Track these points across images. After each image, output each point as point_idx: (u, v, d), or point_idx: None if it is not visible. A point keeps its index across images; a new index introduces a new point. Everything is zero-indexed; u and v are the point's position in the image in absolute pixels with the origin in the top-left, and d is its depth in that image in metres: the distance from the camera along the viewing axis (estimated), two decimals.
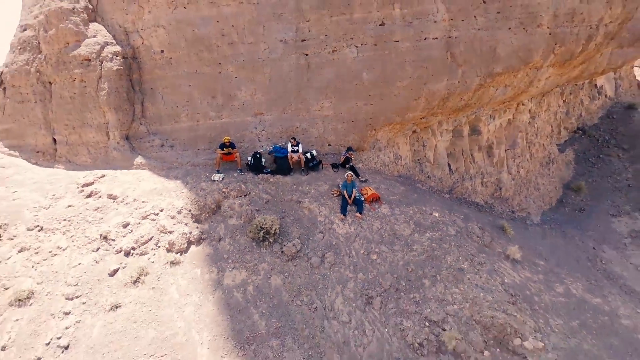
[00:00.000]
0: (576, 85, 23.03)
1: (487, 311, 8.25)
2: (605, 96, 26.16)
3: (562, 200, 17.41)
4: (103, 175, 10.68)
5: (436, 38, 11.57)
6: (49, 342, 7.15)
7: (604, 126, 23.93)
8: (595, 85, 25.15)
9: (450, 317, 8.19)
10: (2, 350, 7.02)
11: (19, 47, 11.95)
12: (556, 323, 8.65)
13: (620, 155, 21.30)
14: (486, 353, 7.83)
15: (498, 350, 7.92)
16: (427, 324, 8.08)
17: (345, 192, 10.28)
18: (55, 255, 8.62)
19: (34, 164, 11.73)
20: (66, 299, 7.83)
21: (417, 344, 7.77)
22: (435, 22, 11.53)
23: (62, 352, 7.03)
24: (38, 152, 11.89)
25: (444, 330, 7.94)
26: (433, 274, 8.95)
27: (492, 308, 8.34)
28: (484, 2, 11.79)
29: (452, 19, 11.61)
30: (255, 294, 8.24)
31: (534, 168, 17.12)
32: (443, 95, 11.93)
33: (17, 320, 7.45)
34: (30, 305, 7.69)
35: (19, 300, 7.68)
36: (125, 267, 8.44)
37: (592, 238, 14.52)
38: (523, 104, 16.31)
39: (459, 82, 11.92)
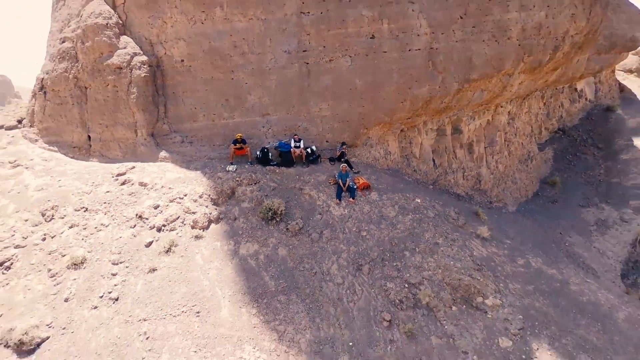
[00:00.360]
0: (556, 89, 24.88)
1: (456, 275, 10.06)
2: (586, 99, 28.04)
3: (538, 193, 19.23)
4: (133, 167, 12.49)
5: (419, 49, 13.42)
6: (102, 295, 8.94)
7: (583, 127, 25.79)
8: (576, 89, 27.01)
9: (426, 280, 10.00)
10: (65, 301, 8.81)
11: (59, 57, 13.78)
12: (514, 287, 10.46)
13: (595, 154, 23.17)
14: (454, 308, 9.63)
15: (464, 306, 9.72)
16: (406, 285, 9.88)
17: (340, 181, 12.08)
18: (99, 230, 10.43)
19: (71, 157, 13.53)
20: (112, 264, 9.62)
21: (397, 301, 9.56)
22: (418, 35, 13.39)
23: (114, 302, 8.82)
24: (74, 147, 13.70)
25: (420, 290, 9.74)
26: (412, 247, 10.76)
27: (460, 273, 10.15)
28: (461, 18, 13.65)
29: (433, 33, 13.46)
30: (266, 261, 10.05)
31: (512, 164, 18.94)
32: (426, 99, 13.77)
33: (74, 279, 9.25)
34: (84, 268, 9.49)
35: (75, 264, 9.47)
36: (158, 240, 10.25)
37: (561, 225, 16.34)
38: (501, 107, 18.15)
39: (439, 87, 13.76)
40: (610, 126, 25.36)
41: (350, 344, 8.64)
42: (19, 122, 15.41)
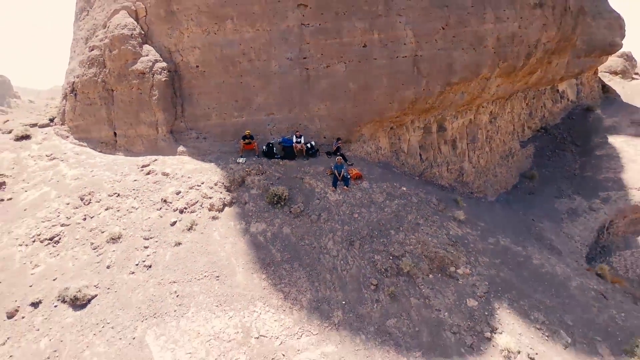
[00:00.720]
0: (539, 90, 26.70)
1: (433, 249, 11.92)
2: (568, 100, 29.91)
3: (517, 186, 21.10)
4: (156, 160, 14.33)
5: (405, 56, 15.27)
6: (137, 263, 10.78)
7: (564, 126, 27.65)
8: (558, 90, 28.86)
9: (407, 253, 11.84)
10: (107, 268, 10.65)
11: (88, 63, 15.62)
12: (483, 260, 12.32)
13: (573, 150, 25.03)
14: (430, 275, 11.49)
15: (439, 274, 11.58)
16: (390, 257, 11.72)
17: (336, 171, 13.92)
18: (131, 212, 12.26)
19: (99, 152, 15.36)
20: (144, 239, 11.46)
21: (383, 269, 11.40)
22: (404, 44, 15.25)
23: (147, 269, 10.65)
24: (102, 143, 15.52)
25: (402, 261, 11.59)
26: (397, 227, 12.61)
27: (436, 247, 12.01)
28: (443, 29, 15.52)
29: (417, 42, 15.32)
30: (272, 237, 11.89)
31: (494, 159, 20.80)
32: (412, 100, 15.62)
33: (113, 251, 11.08)
34: (121, 242, 11.33)
35: (113, 239, 11.31)
36: (181, 220, 12.08)
37: (534, 213, 18.20)
38: (483, 107, 20.01)
39: (423, 89, 15.61)
40: (589, 125, 27.23)
41: (344, 302, 10.48)
42: (51, 120, 17.23)
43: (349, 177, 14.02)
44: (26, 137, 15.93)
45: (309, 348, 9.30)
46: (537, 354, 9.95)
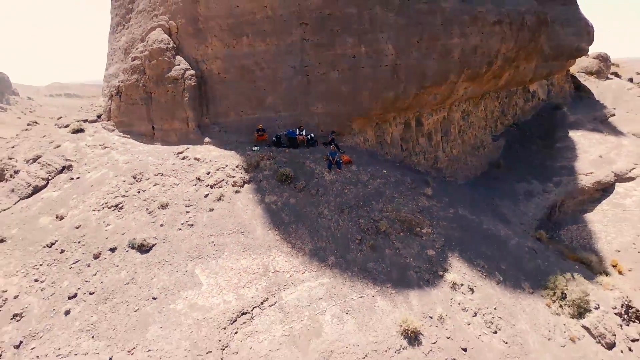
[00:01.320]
0: (510, 90, 30.39)
1: (404, 215, 15.68)
2: (539, 99, 33.68)
3: (485, 173, 24.87)
4: (187, 148, 18.04)
5: (387, 65, 18.96)
6: (183, 223, 14.52)
7: (534, 122, 31.41)
8: (529, 90, 32.59)
9: (384, 218, 15.58)
10: (161, 226, 14.39)
11: (131, 71, 19.29)
12: (443, 224, 16.10)
13: (538, 143, 28.79)
14: (401, 234, 15.25)
15: (408, 233, 15.33)
16: (372, 221, 15.46)
17: (330, 157, 17.60)
18: (173, 187, 16.00)
19: (140, 142, 19.06)
20: (185, 206, 15.20)
21: (365, 229, 15.13)
22: (386, 55, 18.93)
23: (190, 227, 14.39)
24: (142, 135, 19.23)
25: (380, 223, 15.33)
26: (377, 199, 16.36)
27: (407, 213, 15.77)
28: (417, 43, 19.21)
29: (397, 53, 18.99)
30: (282, 206, 15.62)
31: (465, 150, 24.56)
32: (392, 100, 19.32)
33: (164, 214, 14.83)
34: (168, 209, 15.07)
35: (162, 206, 15.05)
36: (212, 193, 15.81)
37: (496, 194, 21.99)
38: (455, 106, 23.73)
39: (402, 92, 19.31)
40: (555, 121, 31.00)
41: (335, 251, 14.22)
42: (98, 117, 20.91)
43: (340, 161, 17.74)
44: (80, 130, 19.65)
45: (310, 280, 13.06)
46: (475, 286, 13.75)
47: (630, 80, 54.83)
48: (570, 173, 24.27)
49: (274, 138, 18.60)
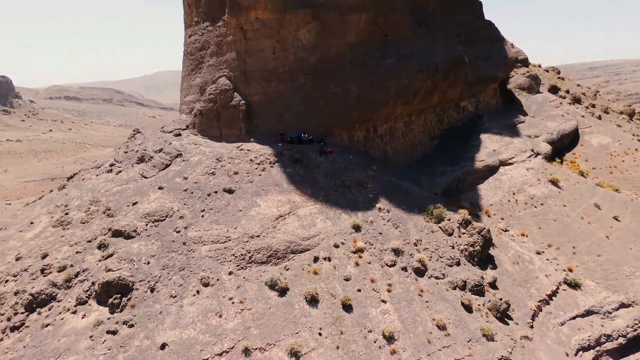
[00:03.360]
0: (445, 106, 45.00)
1: (360, 178, 30.30)
2: (468, 111, 48.36)
3: (420, 161, 39.45)
4: (242, 144, 32.56)
5: (353, 97, 33.56)
6: (246, 181, 29.11)
7: (462, 128, 46.02)
8: (460, 105, 47.21)
9: (348, 180, 30.14)
10: (236, 182, 28.96)
11: (208, 101, 33.87)
12: (377, 184, 30.71)
13: (460, 142, 43.44)
14: (357, 187, 29.85)
15: (361, 187, 29.94)
16: (343, 181, 29.98)
17: (321, 149, 32.15)
18: (238, 164, 30.52)
19: (214, 141, 33.59)
20: (247, 173, 29.81)
21: (338, 185, 29.69)
22: (352, 92, 33.54)
23: (250, 182, 29.02)
24: (214, 137, 33.78)
25: (346, 182, 29.91)
26: (345, 172, 30.92)
27: (361, 177, 30.40)
28: (371, 84, 33.86)
29: (358, 91, 33.60)
30: (295, 173, 30.14)
31: (407, 146, 39.16)
32: (356, 117, 33.93)
33: (237, 176, 29.40)
34: (238, 174, 29.63)
35: (235, 173, 29.63)
36: (258, 167, 30.32)
37: (420, 172, 36.58)
38: (400, 118, 38.32)
39: (362, 113, 33.92)
40: (475, 127, 45.72)
41: (323, 194, 28.75)
42: (187, 127, 35.42)
43: (327, 151, 32.33)
44: (179, 134, 34.18)
45: (310, 205, 27.62)
46: (390, 210, 28.35)
47: (556, 91, 69.65)
48: (471, 160, 38.97)
49: (289, 138, 33.14)
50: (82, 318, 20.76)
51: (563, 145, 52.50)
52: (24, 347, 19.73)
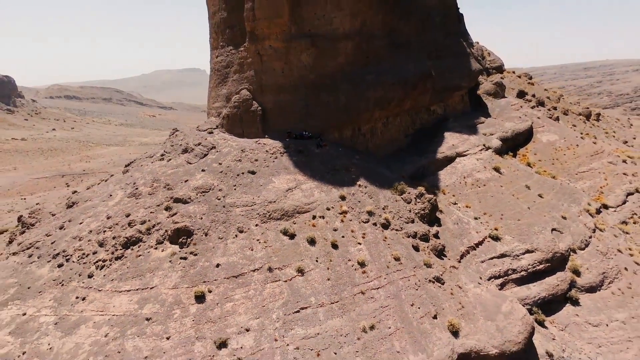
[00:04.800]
0: (418, 110, 56.42)
1: (345, 164, 41.68)
2: (437, 114, 59.76)
3: (394, 153, 50.74)
4: (259, 140, 43.88)
5: (342, 105, 44.89)
6: (264, 165, 40.45)
7: (431, 127, 57.39)
8: (430, 109, 58.60)
9: (338, 164, 41.54)
10: (257, 166, 40.33)
11: (232, 107, 45.17)
12: (360, 168, 42.09)
13: (429, 139, 54.82)
14: (344, 170, 41.26)
15: (345, 170, 41.33)
16: (333, 165, 41.36)
17: (317, 143, 43.47)
18: (258, 154, 41.92)
19: (238, 138, 44.89)
20: (263, 160, 41.18)
21: (331, 168, 41.06)
22: (342, 101, 44.89)
23: (267, 167, 40.39)
24: (237, 134, 45.08)
25: (337, 166, 41.27)
26: (335, 159, 42.28)
27: (346, 164, 41.80)
28: (355, 94, 45.21)
29: (347, 101, 44.95)
30: (298, 161, 41.45)
31: (384, 142, 50.45)
32: (345, 120, 45.27)
33: (257, 162, 40.80)
34: (258, 160, 41.03)
35: (256, 160, 41.03)
36: (272, 155, 41.74)
37: (394, 160, 47.87)
38: (378, 120, 49.61)
39: (349, 117, 45.26)
40: (442, 127, 57.10)
41: (320, 175, 40.10)
42: (216, 127, 46.61)
43: (322, 145, 43.68)
44: (212, 132, 45.43)
45: (309, 183, 38.95)
46: (367, 186, 39.71)
47: (523, 95, 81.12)
48: (434, 152, 50.30)
49: (294, 135, 44.43)
50: (162, 251, 32.07)
51: (518, 142, 64.02)
52: (127, 267, 31.05)
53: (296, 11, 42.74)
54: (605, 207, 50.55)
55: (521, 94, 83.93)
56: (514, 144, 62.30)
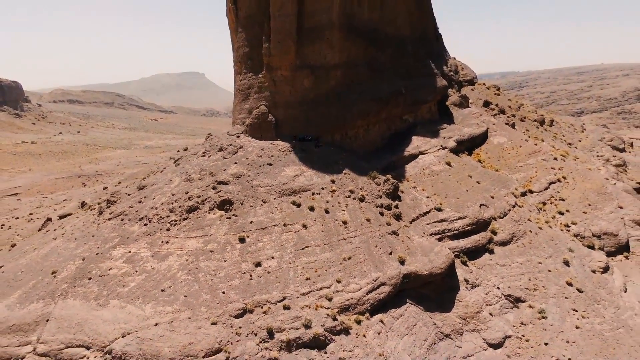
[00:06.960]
0: (393, 118, 73.67)
1: (337, 158, 58.77)
2: (409, 121, 77.03)
3: (373, 152, 67.67)
4: (273, 141, 61.00)
5: (333, 116, 62.03)
6: (277, 159, 57.51)
7: (403, 132, 74.49)
8: (402, 117, 75.84)
9: (331, 159, 58.64)
10: (273, 160, 57.38)
11: (254, 117, 62.24)
12: (347, 161, 59.18)
13: (400, 141, 71.98)
14: (335, 164, 58.42)
15: (335, 164, 58.44)
16: (328, 160, 58.47)
17: (316, 144, 60.47)
18: (272, 151, 59.03)
19: (258, 140, 61.93)
20: (277, 156, 58.28)
21: (326, 162, 58.11)
22: (334, 113, 62.03)
23: (280, 160, 57.49)
24: (258, 138, 62.09)
25: (330, 160, 58.35)
26: (330, 156, 59.34)
27: (337, 158, 58.90)
28: (343, 108, 62.37)
29: (338, 113, 62.09)
30: (303, 156, 58.47)
31: (367, 144, 67.44)
32: (335, 127, 62.36)
33: (272, 157, 57.86)
34: (273, 156, 58.12)
35: (272, 156, 58.09)
36: (283, 152, 58.78)
37: (373, 156, 64.85)
38: (360, 127, 66.63)
39: (338, 125, 62.35)
40: (411, 132, 74.23)
41: (320, 167, 57.14)
42: (241, 133, 63.61)
43: (320, 145, 60.72)
44: (238, 136, 62.41)
45: (309, 172, 55.98)
46: (350, 173, 56.76)
47: (488, 105, 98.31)
48: (402, 151, 67.32)
49: (299, 138, 61.45)
50: (213, 215, 49.06)
51: (475, 143, 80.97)
52: (192, 224, 48.01)
53: (300, 50, 59.95)
54: (531, 191, 67.60)
55: (486, 104, 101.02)
56: (471, 145, 79.21)
